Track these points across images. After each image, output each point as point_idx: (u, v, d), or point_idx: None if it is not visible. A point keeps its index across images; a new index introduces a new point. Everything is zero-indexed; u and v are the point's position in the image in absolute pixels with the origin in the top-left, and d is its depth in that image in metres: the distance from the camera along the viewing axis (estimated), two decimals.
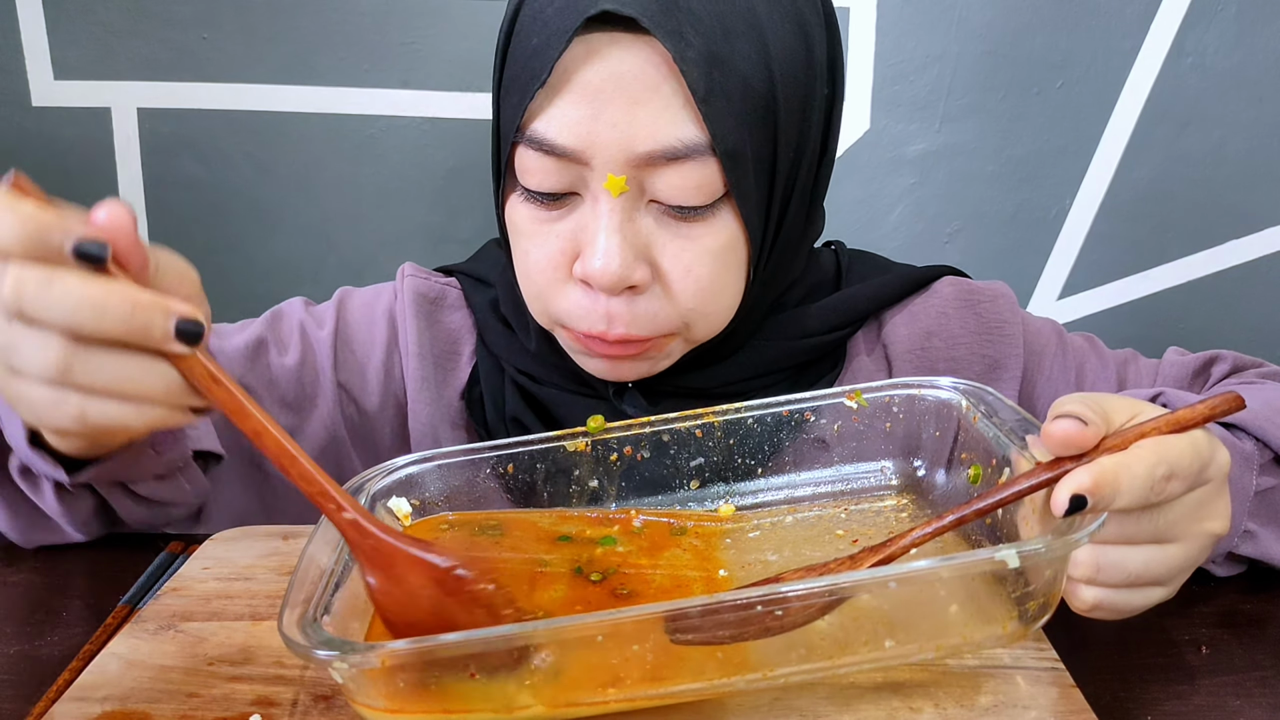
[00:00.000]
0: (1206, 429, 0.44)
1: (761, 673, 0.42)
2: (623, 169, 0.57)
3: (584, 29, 0.54)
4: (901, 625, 0.43)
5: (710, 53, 0.55)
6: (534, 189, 0.59)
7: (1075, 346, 0.75)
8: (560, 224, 0.60)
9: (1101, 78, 1.20)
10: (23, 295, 0.38)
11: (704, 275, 0.60)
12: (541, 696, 0.42)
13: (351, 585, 0.48)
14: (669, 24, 0.54)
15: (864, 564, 0.45)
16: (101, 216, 0.39)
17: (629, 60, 0.55)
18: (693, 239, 0.59)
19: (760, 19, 0.57)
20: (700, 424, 0.58)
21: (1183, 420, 0.43)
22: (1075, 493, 0.40)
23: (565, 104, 0.56)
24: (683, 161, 0.56)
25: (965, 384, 0.56)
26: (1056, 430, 0.42)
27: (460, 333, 0.76)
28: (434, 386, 0.75)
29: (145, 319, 0.39)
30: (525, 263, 0.63)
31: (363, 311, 0.77)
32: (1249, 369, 0.72)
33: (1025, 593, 0.43)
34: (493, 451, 0.58)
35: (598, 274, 0.58)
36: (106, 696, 0.49)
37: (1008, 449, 0.50)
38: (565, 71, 0.56)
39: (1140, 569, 0.44)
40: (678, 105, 0.55)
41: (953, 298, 0.73)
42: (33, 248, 0.38)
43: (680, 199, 0.58)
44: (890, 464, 0.59)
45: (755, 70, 0.57)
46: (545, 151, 0.57)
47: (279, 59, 1.24)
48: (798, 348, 0.69)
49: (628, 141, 0.56)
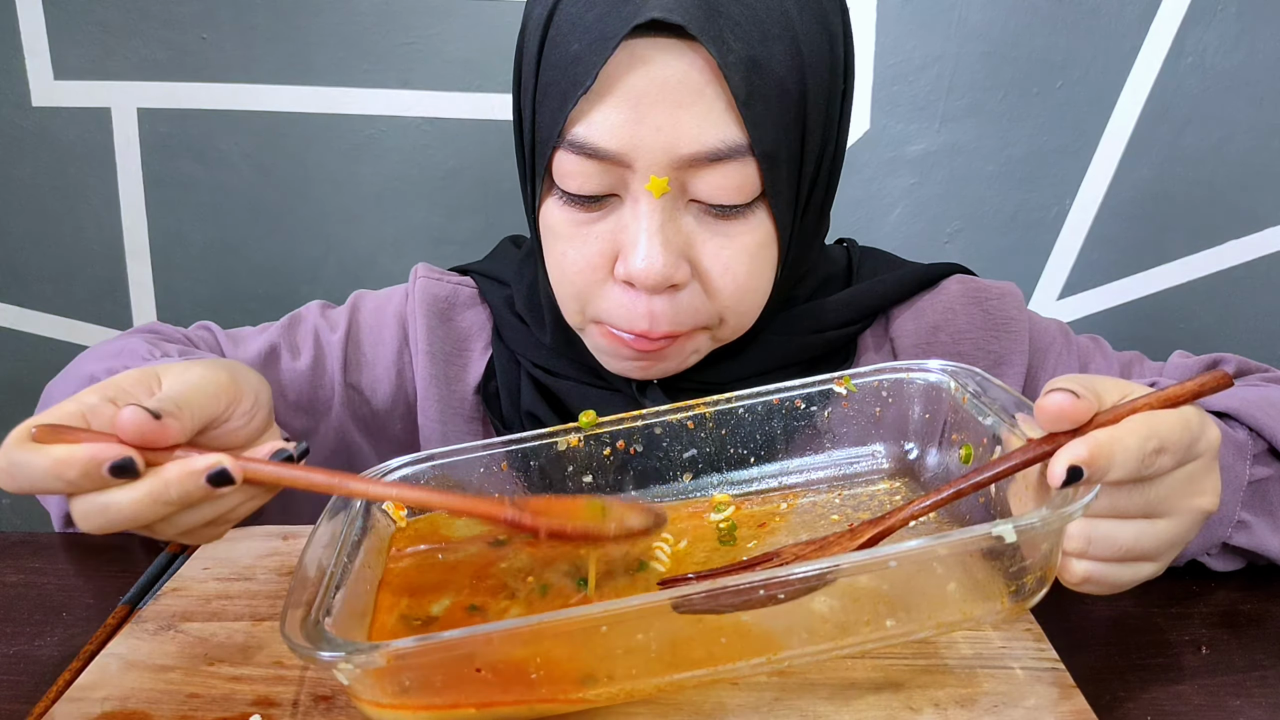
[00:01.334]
0: (1196, 406, 0.44)
1: (766, 656, 0.43)
2: (665, 171, 0.57)
3: (629, 35, 0.55)
4: (901, 604, 0.43)
5: (750, 57, 0.56)
6: (575, 192, 0.60)
7: (1081, 346, 0.75)
8: (599, 225, 0.61)
9: (1101, 78, 1.20)
10: (89, 518, 0.46)
11: (741, 273, 0.61)
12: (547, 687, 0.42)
13: (352, 585, 0.48)
14: (712, 30, 0.55)
15: (863, 536, 0.45)
16: (123, 421, 0.45)
17: (674, 65, 0.56)
18: (731, 237, 0.60)
19: (794, 22, 0.58)
20: (691, 415, 0.59)
21: (1173, 396, 0.43)
22: (1072, 464, 0.41)
23: (609, 108, 0.57)
24: (724, 163, 0.57)
25: (953, 366, 0.57)
26: (1050, 404, 0.43)
27: (473, 330, 0.78)
28: (444, 383, 0.76)
29: (181, 489, 0.46)
30: (562, 263, 0.63)
31: (374, 315, 0.79)
32: (1254, 373, 0.73)
33: (1021, 567, 0.43)
34: (485, 450, 0.58)
35: (642, 274, 0.58)
36: (106, 697, 0.49)
37: (998, 428, 0.50)
38: (608, 77, 0.56)
39: (1131, 543, 0.44)
40: (720, 109, 0.56)
41: (960, 294, 0.74)
42: (84, 483, 0.45)
43: (721, 198, 0.59)
44: (882, 448, 0.60)
45: (790, 73, 0.58)
46: (588, 155, 0.58)
47: (279, 59, 1.24)
48: (811, 343, 0.70)
49: (671, 144, 0.57)
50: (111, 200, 1.30)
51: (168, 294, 1.34)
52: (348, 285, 0.82)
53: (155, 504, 0.45)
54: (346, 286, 0.82)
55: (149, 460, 0.45)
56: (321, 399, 0.76)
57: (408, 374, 0.77)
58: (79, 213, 1.30)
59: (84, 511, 0.46)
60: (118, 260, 1.32)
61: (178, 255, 1.32)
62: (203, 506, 0.48)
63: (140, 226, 1.31)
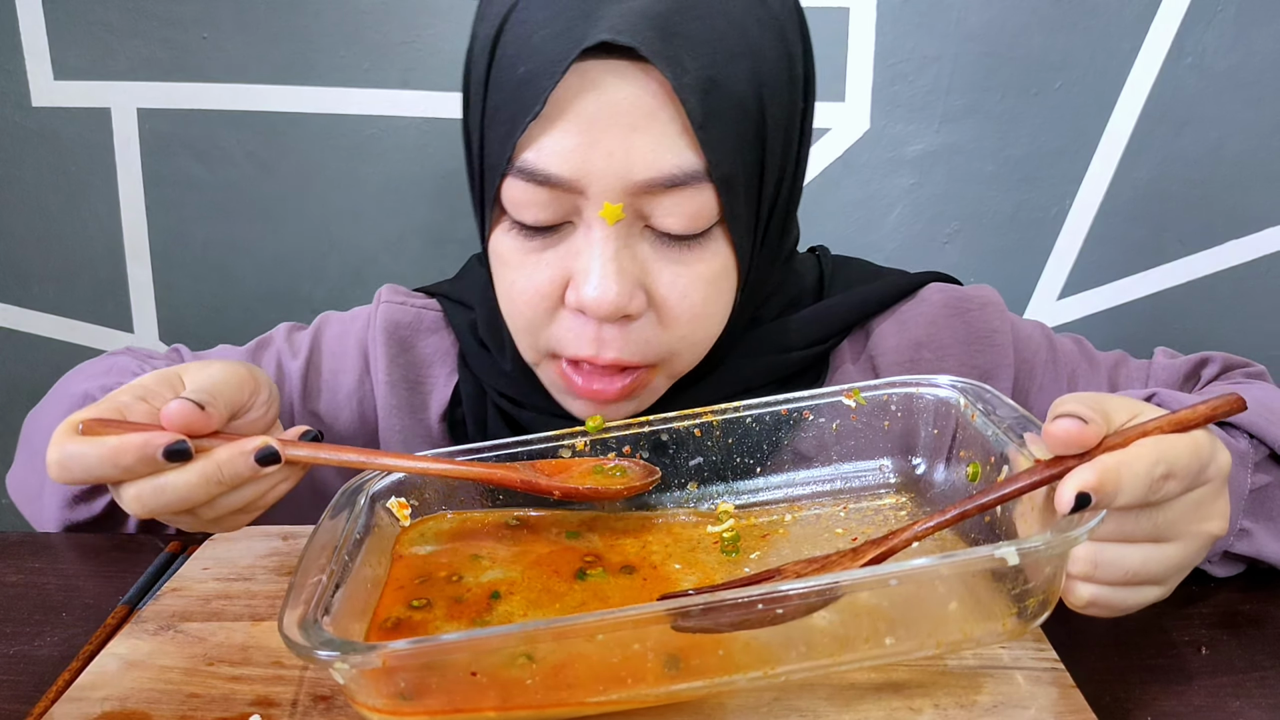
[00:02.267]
0: (1209, 430, 0.44)
1: (763, 670, 0.42)
2: (619, 197, 0.55)
3: (579, 58, 0.53)
4: (902, 622, 0.43)
5: (707, 78, 0.54)
6: (528, 223, 0.58)
7: (1065, 351, 0.74)
8: (549, 252, 0.59)
9: (1101, 78, 1.20)
10: (143, 501, 0.50)
11: (698, 301, 0.59)
12: (543, 694, 0.42)
13: (352, 585, 0.48)
14: (667, 51, 0.53)
15: (865, 556, 0.45)
16: (171, 412, 0.50)
17: (626, 89, 0.54)
18: (687, 264, 0.58)
19: (753, 40, 0.56)
20: (699, 423, 0.59)
21: (1184, 420, 0.43)
22: (1080, 489, 0.40)
23: (559, 134, 0.55)
24: (680, 189, 0.55)
25: (963, 382, 0.56)
26: (1058, 429, 0.42)
27: (436, 356, 0.76)
28: (407, 413, 0.74)
29: (233, 470, 0.51)
30: (511, 293, 0.61)
31: (337, 341, 0.77)
32: (1236, 369, 0.73)
33: (1024, 590, 0.43)
34: (492, 452, 0.58)
35: (593, 303, 0.56)
36: (106, 697, 0.49)
37: (1006, 446, 0.50)
38: (558, 101, 0.54)
39: (1138, 567, 0.44)
40: (675, 132, 0.55)
41: (941, 305, 0.72)
42: (140, 468, 0.49)
43: (677, 227, 0.57)
44: (889, 462, 0.59)
45: (748, 92, 0.56)
46: (538, 183, 0.56)
47: (279, 59, 1.24)
48: (779, 362, 0.68)
49: (625, 170, 0.55)
50: (111, 200, 1.29)
51: (168, 294, 1.34)
52: (349, 284, 0.82)
53: (208, 484, 0.50)
54: (348, 286, 0.82)
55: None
56: (282, 427, 0.74)
57: (369, 402, 0.75)
58: (79, 213, 1.30)
59: (137, 494, 0.50)
60: (118, 260, 1.32)
61: (178, 255, 1.32)
62: (245, 488, 0.52)
63: (140, 226, 1.31)
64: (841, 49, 1.19)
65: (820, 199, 1.26)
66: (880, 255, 1.27)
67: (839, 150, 1.24)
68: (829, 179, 1.25)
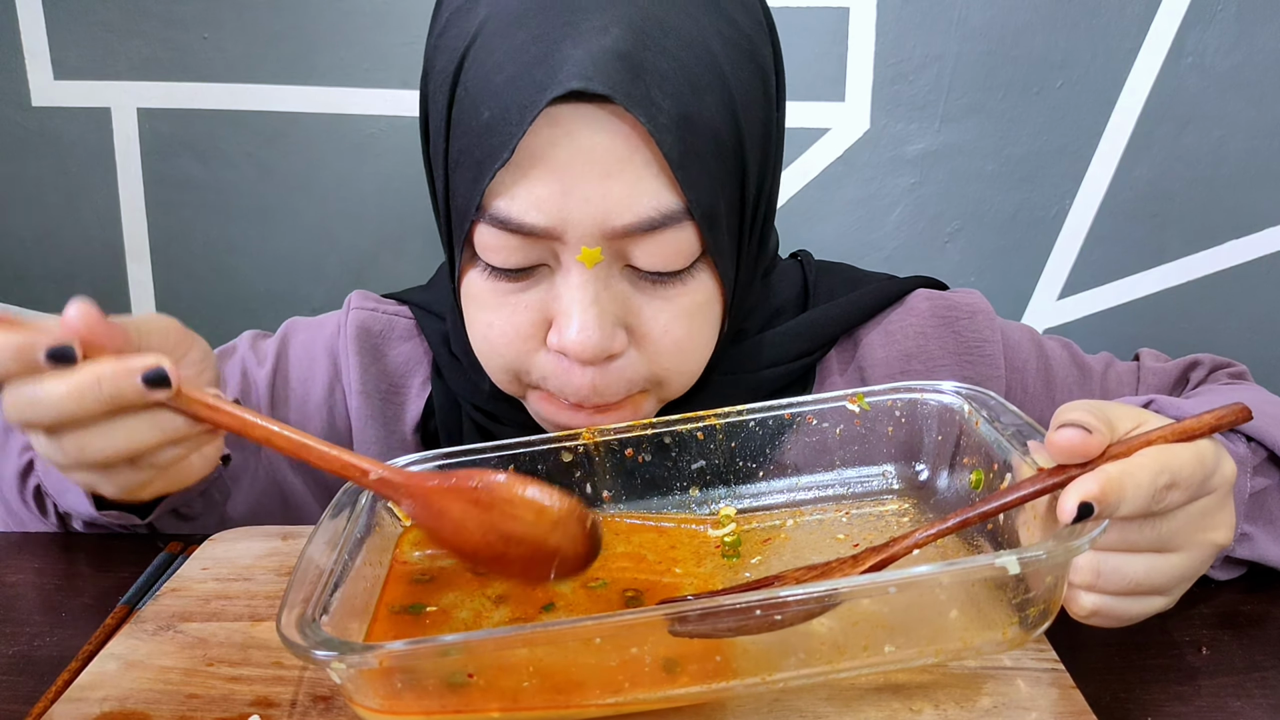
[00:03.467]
0: (1214, 439, 0.44)
1: (760, 676, 0.42)
2: (597, 242, 0.54)
3: (547, 104, 0.51)
4: (901, 630, 0.43)
5: (681, 115, 0.52)
6: (499, 265, 0.56)
7: (1055, 357, 0.74)
8: (527, 294, 0.57)
9: (1101, 78, 1.20)
10: (19, 409, 0.43)
11: (681, 335, 0.58)
12: (540, 696, 0.42)
13: (350, 585, 0.48)
14: (638, 92, 0.51)
15: (866, 563, 0.45)
16: (70, 314, 0.43)
17: (599, 135, 0.52)
18: (669, 300, 0.57)
19: (722, 65, 0.54)
20: (702, 426, 0.58)
21: (1189, 430, 0.42)
22: (1083, 499, 0.40)
23: (532, 182, 0.53)
24: (660, 231, 0.54)
25: (967, 388, 0.56)
26: (1062, 439, 0.42)
27: (409, 365, 0.74)
28: (381, 424, 0.73)
29: (114, 386, 0.43)
30: (489, 335, 0.60)
31: (304, 348, 0.75)
32: (1221, 370, 0.72)
33: (1026, 599, 0.43)
34: (495, 452, 0.58)
35: (576, 347, 0.55)
36: (105, 697, 0.49)
37: (1009, 454, 0.49)
38: (528, 148, 0.52)
39: (1141, 576, 0.44)
40: (651, 175, 0.53)
41: (929, 314, 0.71)
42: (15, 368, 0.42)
43: (659, 266, 0.56)
44: (892, 468, 0.59)
45: (724, 122, 0.55)
46: (512, 231, 0.54)
47: (279, 59, 1.24)
48: (764, 378, 0.67)
49: (602, 217, 0.53)
50: (112, 200, 1.29)
51: (168, 294, 1.34)
52: (350, 284, 0.82)
53: (83, 398, 0.42)
54: (348, 285, 0.81)
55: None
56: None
57: (340, 410, 0.74)
58: (79, 213, 1.30)
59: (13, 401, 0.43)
60: (118, 260, 1.32)
61: (178, 255, 1.32)
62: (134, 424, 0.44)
63: (140, 226, 1.31)
64: (841, 49, 1.19)
65: (820, 199, 1.25)
66: (881, 255, 1.28)
67: (839, 150, 1.24)
68: (829, 179, 1.25)
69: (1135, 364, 0.76)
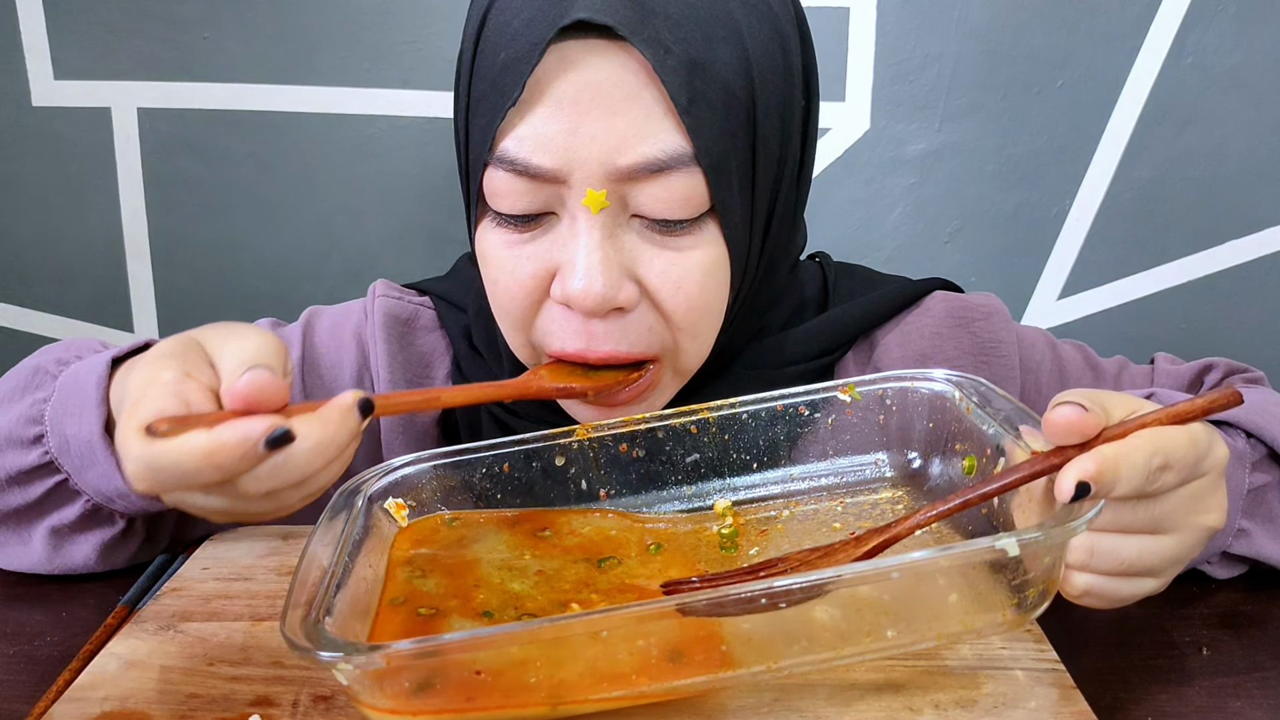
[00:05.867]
0: (1206, 424, 0.44)
1: (766, 665, 0.42)
2: (602, 184, 0.54)
3: (557, 39, 0.52)
4: (902, 615, 0.43)
5: (691, 59, 0.53)
6: (506, 212, 0.57)
7: (1069, 359, 0.74)
8: (533, 245, 0.58)
9: (1101, 78, 1.20)
10: (259, 483, 0.43)
11: (694, 292, 0.58)
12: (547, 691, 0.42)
13: (353, 586, 0.48)
14: (646, 31, 0.52)
15: (869, 544, 0.45)
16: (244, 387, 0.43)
17: (606, 69, 0.53)
18: (679, 252, 0.57)
19: (739, 23, 0.55)
20: (695, 419, 0.59)
21: (1182, 413, 0.43)
22: (1080, 478, 0.41)
23: (539, 120, 0.54)
24: (667, 173, 0.54)
25: (958, 375, 0.56)
26: (1059, 417, 0.43)
27: (433, 356, 0.74)
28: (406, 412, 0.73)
29: (347, 429, 0.44)
30: (496, 290, 0.60)
31: (330, 334, 0.75)
32: (1236, 375, 0.73)
33: (1024, 580, 0.43)
34: (489, 451, 0.58)
35: (579, 295, 0.55)
36: (106, 697, 0.49)
37: (1002, 439, 0.50)
38: (538, 85, 0.53)
39: (1134, 558, 0.44)
40: (659, 115, 0.53)
41: (945, 316, 0.71)
42: (245, 465, 0.42)
43: (665, 212, 0.55)
44: (885, 456, 0.59)
45: (736, 77, 0.55)
46: (518, 172, 0.55)
47: (279, 59, 1.24)
48: (782, 376, 0.67)
49: (608, 155, 0.53)
50: (112, 200, 1.29)
51: (169, 294, 1.33)
52: (351, 284, 0.82)
53: (326, 454, 0.43)
54: (349, 285, 0.82)
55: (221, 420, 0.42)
56: None
57: None
58: (80, 213, 1.30)
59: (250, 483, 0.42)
60: (118, 260, 1.32)
61: (179, 255, 1.32)
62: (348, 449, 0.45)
63: (140, 226, 1.31)
64: (841, 49, 1.19)
65: (820, 199, 1.25)
66: (881, 255, 1.28)
67: (839, 150, 1.24)
68: (829, 179, 1.25)
69: (1150, 367, 0.76)
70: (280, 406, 0.44)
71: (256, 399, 0.42)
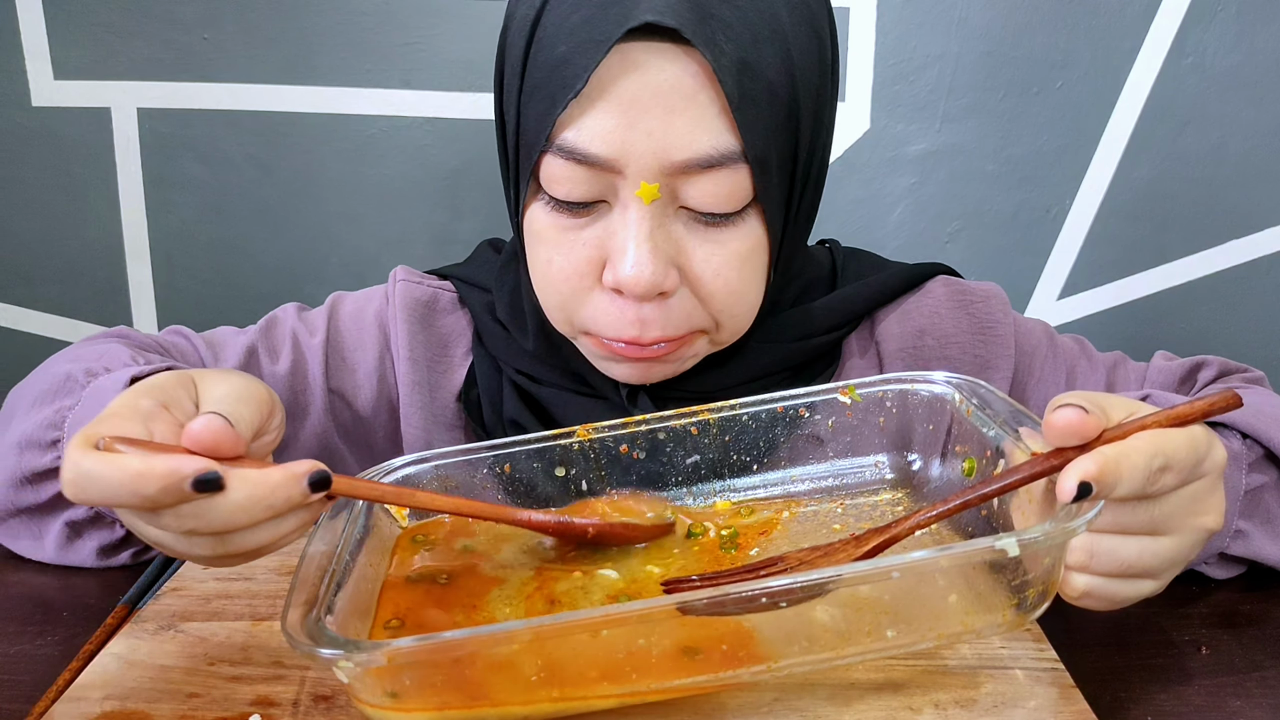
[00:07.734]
0: (1205, 426, 0.44)
1: (766, 665, 0.42)
2: (656, 177, 0.57)
3: (620, 39, 0.54)
4: (902, 615, 0.43)
5: (741, 60, 0.55)
6: (563, 198, 0.59)
7: (1065, 348, 0.75)
8: (586, 231, 0.60)
9: (1101, 78, 1.20)
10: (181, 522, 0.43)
11: (733, 278, 0.60)
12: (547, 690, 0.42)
13: (353, 585, 0.48)
14: (705, 33, 0.54)
15: (868, 544, 0.45)
16: (198, 429, 0.43)
17: (667, 70, 0.55)
18: (721, 243, 0.60)
19: (784, 25, 0.57)
20: (696, 421, 0.59)
21: (1181, 415, 0.43)
22: (1082, 479, 0.41)
23: (600, 114, 0.56)
24: (716, 169, 0.57)
25: (958, 378, 0.56)
26: (1059, 419, 0.43)
27: (453, 335, 0.77)
28: (426, 390, 0.75)
29: (286, 496, 0.44)
30: (548, 270, 0.62)
31: (354, 318, 0.77)
32: (1234, 374, 0.73)
33: (1024, 581, 0.43)
34: (490, 451, 0.58)
35: (630, 281, 0.58)
36: (106, 696, 0.49)
37: (1001, 441, 0.50)
38: (599, 81, 0.55)
39: (1133, 559, 0.44)
40: (713, 114, 0.56)
41: (945, 297, 0.73)
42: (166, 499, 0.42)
43: (712, 206, 0.58)
44: (885, 458, 0.59)
45: (780, 76, 0.57)
46: (577, 161, 0.57)
47: (280, 59, 1.24)
48: (796, 349, 0.69)
49: (663, 151, 0.56)
50: (112, 200, 1.29)
51: (169, 294, 1.34)
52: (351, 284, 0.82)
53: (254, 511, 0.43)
54: (350, 286, 0.82)
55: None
56: (301, 404, 0.75)
57: (390, 379, 0.76)
58: (80, 213, 1.30)
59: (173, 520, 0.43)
60: (119, 261, 1.32)
61: (179, 255, 1.32)
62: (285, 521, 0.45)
63: (140, 227, 1.31)
64: (842, 49, 1.19)
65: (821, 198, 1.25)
66: (881, 254, 1.27)
67: (840, 150, 1.24)
68: (829, 179, 1.24)
69: (1146, 364, 0.76)
70: (234, 456, 0.44)
71: (209, 443, 0.43)
